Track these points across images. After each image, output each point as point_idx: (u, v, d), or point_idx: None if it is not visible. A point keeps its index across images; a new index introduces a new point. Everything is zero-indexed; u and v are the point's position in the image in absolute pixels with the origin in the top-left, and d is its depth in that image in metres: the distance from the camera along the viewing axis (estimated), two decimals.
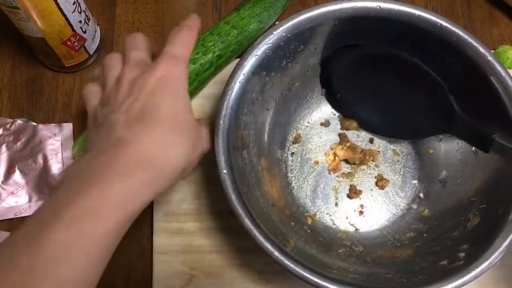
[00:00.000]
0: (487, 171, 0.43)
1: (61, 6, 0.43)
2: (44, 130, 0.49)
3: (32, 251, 0.26)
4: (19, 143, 0.48)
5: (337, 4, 0.42)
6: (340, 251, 0.44)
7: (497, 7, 0.57)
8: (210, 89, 0.50)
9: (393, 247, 0.45)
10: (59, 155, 0.48)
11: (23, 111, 0.51)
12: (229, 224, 0.46)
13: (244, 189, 0.39)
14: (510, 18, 0.57)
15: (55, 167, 0.48)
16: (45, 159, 0.48)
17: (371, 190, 0.49)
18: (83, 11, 0.46)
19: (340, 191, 0.48)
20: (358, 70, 0.46)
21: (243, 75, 0.40)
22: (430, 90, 0.43)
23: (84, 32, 0.48)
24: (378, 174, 0.49)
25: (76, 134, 0.50)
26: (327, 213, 0.48)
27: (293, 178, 0.49)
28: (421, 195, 0.48)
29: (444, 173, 0.47)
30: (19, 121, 0.49)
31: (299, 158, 0.49)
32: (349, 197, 0.48)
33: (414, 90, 0.45)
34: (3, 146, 0.48)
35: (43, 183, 0.47)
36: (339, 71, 0.47)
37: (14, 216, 0.46)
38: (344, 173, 0.49)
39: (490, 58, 0.41)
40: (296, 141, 0.49)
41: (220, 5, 0.56)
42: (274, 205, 0.44)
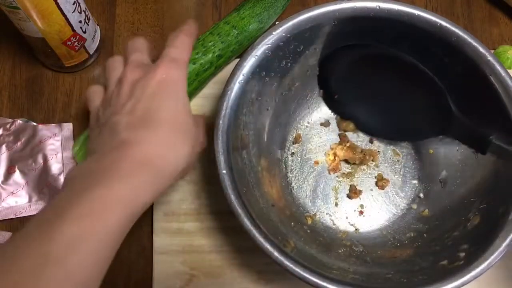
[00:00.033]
0: (487, 171, 0.43)
1: (61, 6, 0.43)
2: (44, 130, 0.49)
3: (44, 243, 0.27)
4: (19, 143, 0.48)
5: (337, 4, 0.42)
6: (340, 251, 0.44)
7: (497, 7, 0.57)
8: (210, 89, 0.50)
9: (393, 247, 0.45)
10: (59, 155, 0.48)
11: (23, 111, 0.51)
12: (229, 224, 0.46)
13: (244, 189, 0.39)
14: (510, 18, 0.56)
15: (55, 167, 0.48)
16: (45, 159, 0.48)
17: (371, 190, 0.49)
18: (83, 11, 0.46)
19: (340, 191, 0.48)
20: (357, 71, 0.46)
21: (243, 76, 0.40)
22: (428, 92, 0.43)
23: (84, 32, 0.48)
24: (378, 174, 0.49)
25: (76, 134, 0.50)
26: (327, 213, 0.48)
27: (293, 178, 0.48)
28: (421, 195, 0.48)
29: (444, 173, 0.47)
30: (19, 121, 0.49)
31: (299, 158, 0.49)
32: (349, 197, 0.48)
33: (413, 92, 0.45)
34: (3, 146, 0.48)
35: (43, 183, 0.47)
36: (338, 72, 0.47)
37: (14, 216, 0.46)
38: (344, 173, 0.49)
39: (490, 58, 0.41)
40: (296, 141, 0.49)
41: (220, 5, 0.56)
42: (274, 205, 0.43)
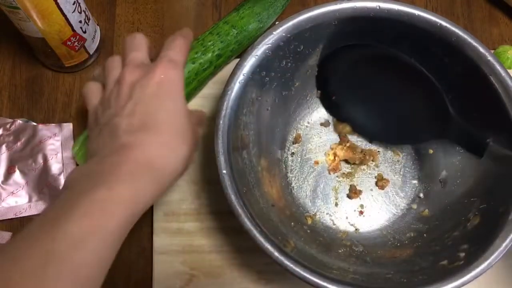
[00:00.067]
0: (487, 171, 0.43)
1: (61, 6, 0.43)
2: (44, 130, 0.49)
3: (47, 242, 0.27)
4: (19, 143, 0.48)
5: (337, 4, 0.42)
6: (340, 251, 0.44)
7: (497, 7, 0.57)
8: (210, 89, 0.50)
9: (393, 247, 0.45)
10: (59, 155, 0.48)
11: (23, 111, 0.51)
12: (229, 224, 0.46)
13: (244, 189, 0.39)
14: (510, 18, 0.57)
15: (55, 167, 0.48)
16: (45, 159, 0.48)
17: (371, 190, 0.49)
18: (83, 11, 0.46)
19: (340, 191, 0.48)
20: (356, 72, 0.46)
21: (243, 75, 0.40)
22: (426, 94, 0.43)
23: (84, 32, 0.48)
24: (378, 174, 0.49)
25: (76, 134, 0.50)
26: (327, 213, 0.48)
27: (293, 178, 0.48)
28: (421, 195, 0.48)
29: (444, 173, 0.47)
30: (19, 121, 0.49)
31: (299, 158, 0.49)
32: (349, 197, 0.48)
33: (411, 94, 0.45)
34: (3, 146, 0.48)
35: (43, 183, 0.47)
36: (337, 72, 0.47)
37: (14, 216, 0.46)
38: (344, 173, 0.49)
39: (490, 58, 0.41)
40: (296, 141, 0.49)
41: (220, 5, 0.56)
42: (274, 205, 0.43)
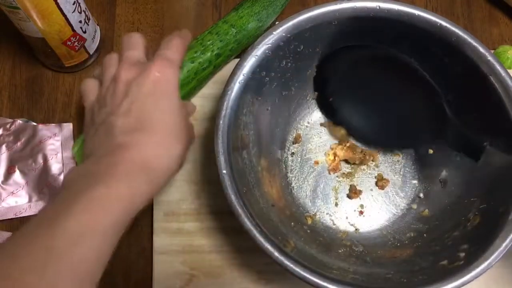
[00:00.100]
0: (487, 171, 0.43)
1: (61, 6, 0.43)
2: (44, 130, 0.49)
3: (46, 239, 0.28)
4: (19, 143, 0.48)
5: (337, 4, 0.42)
6: (340, 251, 0.44)
7: (497, 7, 0.57)
8: (210, 89, 0.50)
9: (393, 247, 0.45)
10: (59, 155, 0.48)
11: (23, 111, 0.51)
12: (229, 224, 0.46)
13: (244, 189, 0.39)
14: (510, 18, 0.56)
15: (55, 167, 0.48)
16: (45, 159, 0.48)
17: (371, 190, 0.49)
18: (83, 11, 0.46)
19: (340, 191, 0.48)
20: (355, 73, 0.46)
21: (243, 76, 0.40)
22: (424, 96, 0.43)
23: (84, 32, 0.48)
24: (378, 174, 0.49)
25: (76, 134, 0.50)
26: (327, 213, 0.48)
27: (293, 178, 0.48)
28: (421, 195, 0.48)
29: (444, 173, 0.47)
30: (19, 121, 0.49)
31: (299, 158, 0.49)
32: (349, 197, 0.48)
33: (410, 94, 0.45)
34: (3, 146, 0.48)
35: (43, 183, 0.47)
36: (336, 73, 0.47)
37: (14, 216, 0.46)
38: (344, 173, 0.49)
39: (490, 58, 0.41)
40: (296, 141, 0.49)
41: (220, 5, 0.56)
42: (274, 205, 0.43)
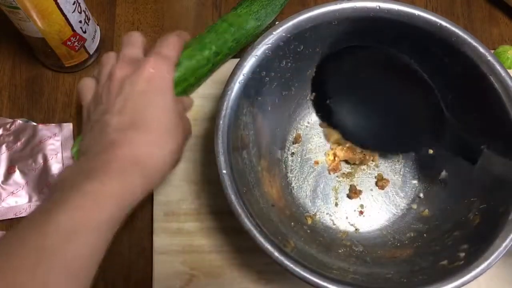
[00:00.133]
0: (487, 171, 0.43)
1: (61, 6, 0.43)
2: (44, 130, 0.49)
3: (39, 236, 0.28)
4: (19, 143, 0.48)
5: (337, 4, 0.42)
6: (340, 251, 0.44)
7: (497, 7, 0.57)
8: (210, 89, 0.50)
9: (393, 247, 0.45)
10: (59, 155, 0.48)
11: (23, 111, 0.51)
12: (229, 224, 0.46)
13: (244, 189, 0.39)
14: (510, 18, 0.56)
15: (55, 167, 0.48)
16: (45, 159, 0.48)
17: (371, 190, 0.49)
18: (83, 11, 0.46)
19: (340, 191, 0.48)
20: (355, 74, 0.46)
21: (243, 76, 0.40)
22: (423, 98, 0.43)
23: (84, 32, 0.48)
24: (378, 174, 0.49)
25: (76, 134, 0.50)
26: (327, 213, 0.48)
27: (293, 178, 0.48)
28: (421, 195, 0.48)
29: (444, 173, 0.47)
30: (19, 121, 0.49)
31: (299, 158, 0.49)
32: (349, 197, 0.48)
33: (409, 96, 0.44)
34: (3, 146, 0.48)
35: (43, 183, 0.47)
36: (335, 74, 0.46)
37: (14, 216, 0.46)
38: (344, 173, 0.49)
39: (490, 58, 0.41)
40: (296, 141, 0.49)
41: (220, 5, 0.56)
42: (274, 205, 0.43)
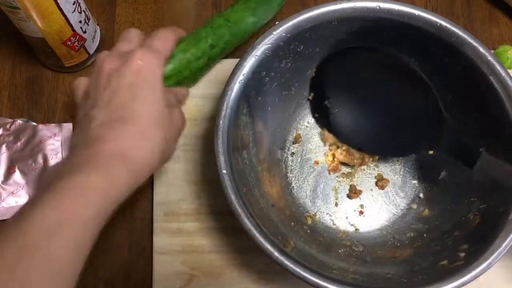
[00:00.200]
0: (486, 173, 0.43)
1: (61, 6, 0.43)
2: (44, 130, 0.49)
3: (22, 232, 0.27)
4: (19, 143, 0.48)
5: (337, 4, 0.42)
6: (340, 251, 0.44)
7: (497, 7, 0.57)
8: (210, 89, 0.50)
9: (393, 247, 0.45)
10: (59, 155, 0.48)
11: (23, 111, 0.51)
12: (229, 224, 0.46)
13: (244, 190, 0.39)
14: (510, 18, 0.56)
15: None
16: (45, 159, 0.48)
17: (371, 190, 0.49)
18: (83, 11, 0.46)
19: (340, 191, 0.48)
20: (354, 76, 0.46)
21: (243, 75, 0.40)
22: (422, 99, 0.43)
23: (84, 32, 0.48)
24: (378, 174, 0.49)
25: None
26: (327, 213, 0.48)
27: (293, 178, 0.49)
28: (421, 195, 0.48)
29: (444, 173, 0.47)
30: (19, 121, 0.49)
31: (299, 158, 0.49)
32: (349, 197, 0.48)
33: (407, 99, 0.45)
34: (3, 146, 0.48)
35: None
36: (335, 75, 0.46)
37: None
38: (344, 173, 0.49)
39: (490, 58, 0.41)
40: (296, 141, 0.49)
41: (220, 5, 0.56)
42: (274, 205, 0.44)
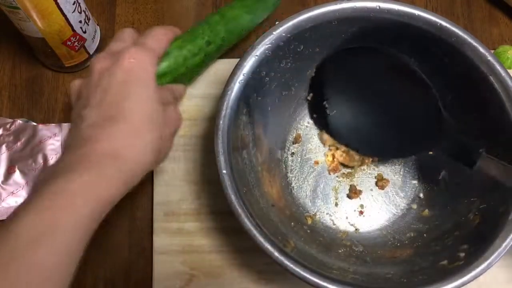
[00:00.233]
0: (486, 174, 0.43)
1: (61, 6, 0.43)
2: (44, 130, 0.49)
3: (13, 233, 0.27)
4: (19, 143, 0.48)
5: (337, 4, 0.42)
6: (340, 251, 0.44)
7: (497, 7, 0.57)
8: (210, 89, 0.50)
9: (393, 247, 0.45)
10: (59, 155, 0.48)
11: (23, 111, 0.51)
12: (229, 224, 0.46)
13: (244, 190, 0.39)
14: (510, 18, 0.56)
15: None
16: (45, 159, 0.48)
17: (371, 190, 0.49)
18: (83, 11, 0.46)
19: (340, 191, 0.48)
20: (354, 76, 0.46)
21: (243, 75, 0.40)
22: (421, 100, 0.43)
23: (84, 32, 0.48)
24: (378, 174, 0.49)
25: None
26: (327, 213, 0.48)
27: (293, 178, 0.49)
28: (421, 195, 0.48)
29: (444, 173, 0.47)
30: (19, 121, 0.49)
31: (299, 158, 0.49)
32: (349, 197, 0.48)
33: (406, 100, 0.45)
34: (3, 146, 0.48)
35: None
36: (335, 75, 0.46)
37: None
38: (344, 173, 0.49)
39: (490, 58, 0.41)
40: (296, 141, 0.49)
41: (220, 5, 0.56)
42: (274, 205, 0.44)
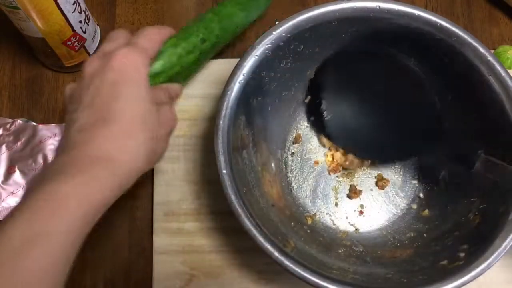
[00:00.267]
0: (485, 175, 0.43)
1: (61, 6, 0.43)
2: (44, 130, 0.49)
3: (7, 235, 0.27)
4: (19, 143, 0.48)
5: (337, 4, 0.42)
6: (340, 251, 0.44)
7: (497, 7, 0.57)
8: (210, 89, 0.50)
9: (393, 247, 0.45)
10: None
11: (23, 111, 0.51)
12: (229, 224, 0.46)
13: (244, 190, 0.39)
14: (510, 18, 0.56)
15: None
16: (45, 159, 0.48)
17: (371, 190, 0.49)
18: (83, 11, 0.46)
19: (340, 191, 0.48)
20: (353, 77, 0.46)
21: (243, 75, 0.40)
22: (421, 101, 0.43)
23: (84, 32, 0.48)
24: (378, 174, 0.49)
25: None
26: (327, 213, 0.48)
27: (293, 178, 0.49)
28: (421, 195, 0.48)
29: (444, 173, 0.47)
30: (19, 121, 0.49)
31: (299, 158, 0.49)
32: (349, 197, 0.48)
33: (405, 101, 0.45)
34: (3, 146, 0.48)
35: None
36: (334, 77, 0.46)
37: None
38: (344, 173, 0.49)
39: (490, 58, 0.41)
40: (296, 141, 0.49)
41: None
42: (274, 205, 0.44)
